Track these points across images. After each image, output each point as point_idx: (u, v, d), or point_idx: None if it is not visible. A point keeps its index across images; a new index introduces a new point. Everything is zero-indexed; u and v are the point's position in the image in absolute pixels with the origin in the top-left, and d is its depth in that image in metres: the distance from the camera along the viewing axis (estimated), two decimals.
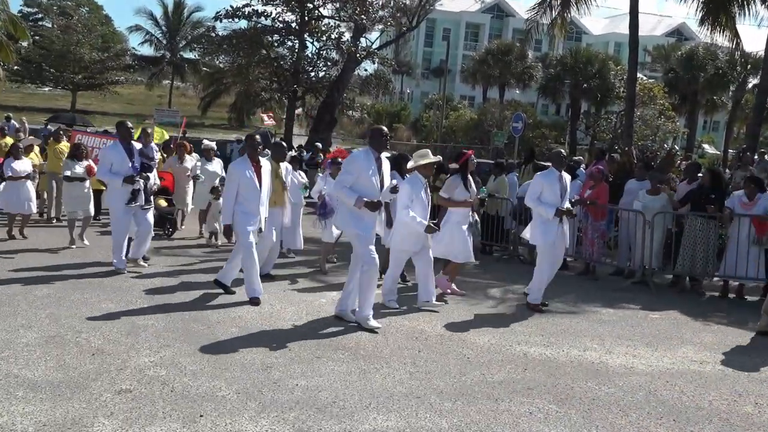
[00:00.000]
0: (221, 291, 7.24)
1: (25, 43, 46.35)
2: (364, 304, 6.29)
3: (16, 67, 39.99)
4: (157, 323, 6.00)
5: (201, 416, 4.09)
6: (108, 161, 7.99)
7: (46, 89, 51.80)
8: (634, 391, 5.05)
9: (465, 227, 7.64)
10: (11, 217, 10.01)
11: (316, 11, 26.82)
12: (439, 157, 7.70)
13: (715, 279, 9.34)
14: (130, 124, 8.37)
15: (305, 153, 20.87)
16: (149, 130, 10.61)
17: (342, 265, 9.01)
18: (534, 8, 18.49)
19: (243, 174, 6.88)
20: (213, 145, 11.92)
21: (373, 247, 6.25)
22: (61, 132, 12.39)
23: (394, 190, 6.32)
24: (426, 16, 32.40)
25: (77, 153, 10.01)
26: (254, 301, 6.89)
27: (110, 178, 7.97)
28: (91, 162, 10.08)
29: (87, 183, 9.94)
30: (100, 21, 54.93)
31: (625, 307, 7.98)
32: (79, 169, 9.82)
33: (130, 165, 7.96)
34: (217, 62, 35.10)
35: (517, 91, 49.85)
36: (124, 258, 8.08)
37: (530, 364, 5.54)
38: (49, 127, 21.63)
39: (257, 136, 7.34)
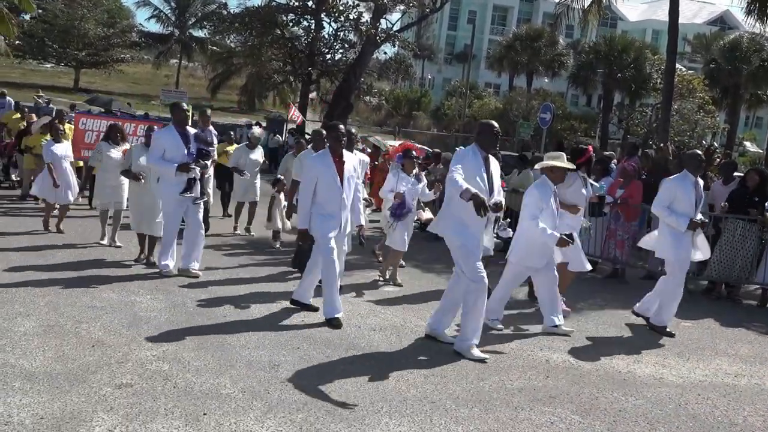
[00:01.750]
0: (228, 285, 7.30)
1: (27, 17, 46.85)
2: (467, 330, 5.70)
3: (17, 42, 40.38)
4: (159, 315, 6.06)
5: (204, 414, 4.14)
6: (160, 147, 7.45)
7: (49, 66, 52.40)
8: (664, 403, 5.03)
9: (576, 233, 7.03)
10: (48, 207, 9.76)
11: None
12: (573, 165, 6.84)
13: (754, 287, 9.26)
14: (185, 106, 7.82)
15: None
16: (208, 113, 9.80)
17: (359, 264, 9.04)
18: None
19: (323, 170, 6.24)
20: (262, 132, 11.69)
21: (480, 263, 5.73)
22: (65, 112, 12.25)
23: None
24: None
25: (112, 135, 9.21)
26: (333, 323, 6.20)
27: (163, 166, 7.44)
28: (127, 146, 9.27)
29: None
30: None
31: None
32: (116, 154, 9.09)
33: (186, 151, 7.46)
34: (228, 41, 35.25)
35: (546, 80, 49.57)
36: (171, 259, 7.64)
37: (552, 371, 5.53)
38: (51, 106, 21.78)
39: (341, 127, 6.52)
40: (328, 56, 28.16)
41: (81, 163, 11.28)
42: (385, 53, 32.30)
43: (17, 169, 12.90)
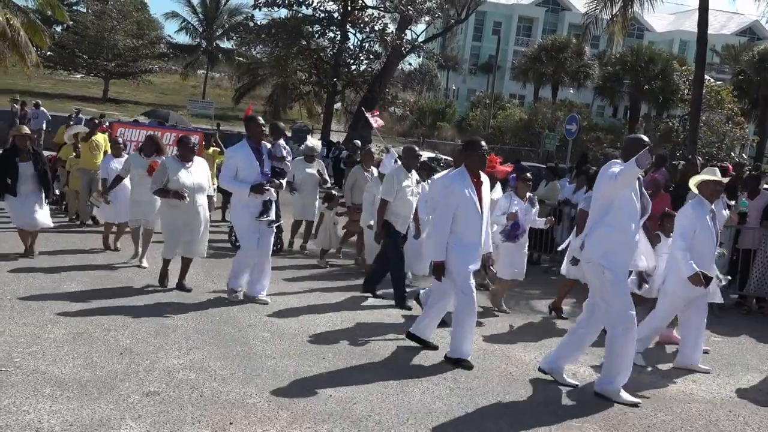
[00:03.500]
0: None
1: (58, 28, 47.82)
2: (613, 372, 5.15)
3: (49, 53, 41.17)
4: (186, 324, 6.11)
5: (231, 424, 4.16)
6: (233, 166, 6.80)
7: (79, 76, 53.31)
8: (693, 420, 4.95)
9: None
10: (107, 227, 9.26)
11: (360, 1, 26.95)
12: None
13: None
14: (261, 120, 7.11)
15: (342, 151, 21.29)
16: (281, 125, 8.31)
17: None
18: (592, 2, 18.26)
19: (462, 193, 5.57)
20: (318, 145, 10.74)
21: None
22: (97, 121, 11.65)
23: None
24: (476, 9, 32.28)
25: (146, 148, 8.44)
26: (464, 365, 5.62)
27: (236, 187, 6.86)
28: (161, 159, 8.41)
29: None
30: (136, 7, 56.19)
31: None
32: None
33: (260, 170, 6.83)
34: (254, 53, 35.60)
35: (572, 91, 49.29)
36: (241, 283, 7.10)
37: (580, 385, 5.47)
38: (80, 116, 22.08)
39: (484, 143, 5.82)
40: (354, 67, 28.29)
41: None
42: (410, 64, 32.46)
43: (60, 183, 12.24)
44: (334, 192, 9.66)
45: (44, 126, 21.49)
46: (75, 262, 8.26)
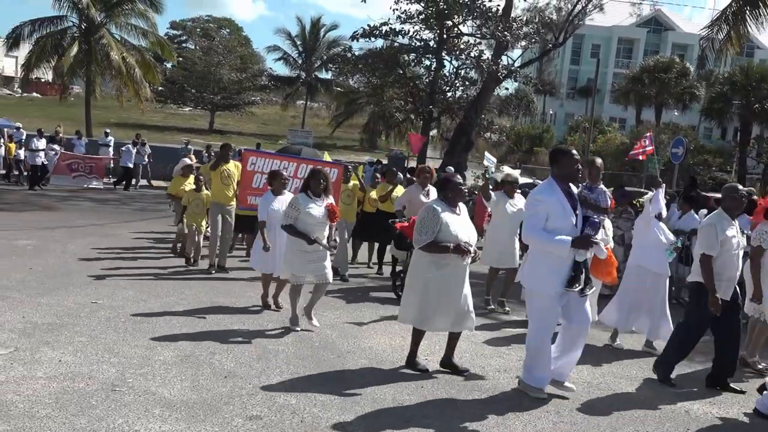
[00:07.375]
0: (351, 322, 7.40)
1: (168, 65, 50.77)
2: None
3: (160, 88, 43.67)
4: (287, 349, 6.21)
5: None
6: (542, 213, 5.24)
7: (187, 109, 56.31)
8: None
9: None
10: (266, 279, 7.82)
11: (456, 29, 27.08)
12: None
13: None
14: (576, 153, 5.53)
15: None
16: (598, 162, 5.98)
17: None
18: (709, 26, 17.53)
19: None
20: (516, 175, 8.69)
21: None
22: (231, 147, 9.99)
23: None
24: (574, 32, 31.74)
25: (312, 185, 6.83)
26: None
27: (550, 243, 5.20)
28: (332, 200, 7.03)
29: (325, 232, 6.90)
30: (240, 42, 58.98)
31: None
32: (317, 210, 6.79)
33: (574, 220, 5.31)
34: (352, 82, 36.42)
35: (676, 113, 47.49)
36: (545, 375, 5.44)
37: (693, 424, 5.15)
38: (189, 146, 23.09)
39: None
40: (449, 94, 28.33)
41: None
42: (506, 89, 32.16)
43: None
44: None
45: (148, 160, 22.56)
46: (181, 286, 8.58)
